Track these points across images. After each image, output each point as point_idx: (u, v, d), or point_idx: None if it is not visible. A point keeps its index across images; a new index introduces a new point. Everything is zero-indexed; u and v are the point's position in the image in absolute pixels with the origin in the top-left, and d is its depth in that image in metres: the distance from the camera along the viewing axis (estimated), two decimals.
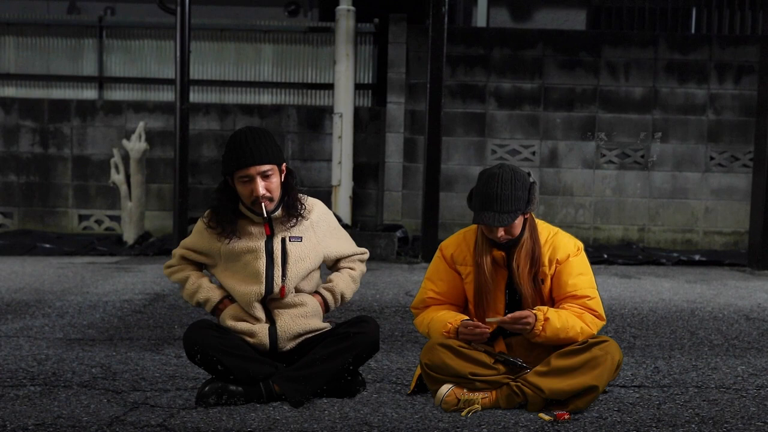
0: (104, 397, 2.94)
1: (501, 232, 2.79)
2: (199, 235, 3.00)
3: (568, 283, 2.87)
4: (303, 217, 2.96)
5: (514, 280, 2.88)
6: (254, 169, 2.82)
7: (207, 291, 2.99)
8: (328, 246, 3.05)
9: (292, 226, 2.94)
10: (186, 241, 3.07)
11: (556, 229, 2.98)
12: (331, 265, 3.15)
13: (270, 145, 2.86)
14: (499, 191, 2.73)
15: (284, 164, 2.94)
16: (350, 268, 3.14)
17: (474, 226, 2.99)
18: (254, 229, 2.93)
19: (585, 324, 2.83)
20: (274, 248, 2.91)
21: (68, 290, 5.63)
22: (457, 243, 3.01)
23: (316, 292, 3.06)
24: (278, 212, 2.93)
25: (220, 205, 2.94)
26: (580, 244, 2.98)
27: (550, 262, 2.89)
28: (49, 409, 2.77)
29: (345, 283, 3.09)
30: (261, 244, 2.91)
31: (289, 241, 2.93)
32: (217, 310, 2.99)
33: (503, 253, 2.89)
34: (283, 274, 2.91)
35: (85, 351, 3.71)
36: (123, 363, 3.48)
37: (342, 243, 3.12)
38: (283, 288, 2.91)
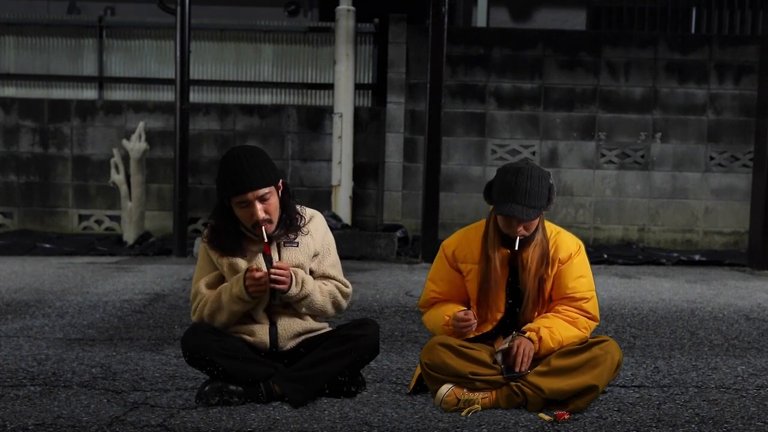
0: (104, 397, 2.94)
1: (521, 228, 2.78)
2: (204, 256, 2.96)
3: (568, 285, 2.88)
4: (301, 231, 2.93)
5: (520, 278, 2.88)
6: (252, 194, 2.77)
7: (228, 284, 2.86)
8: (318, 263, 2.98)
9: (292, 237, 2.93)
10: (198, 272, 2.98)
11: (558, 227, 2.98)
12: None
13: (265, 166, 2.81)
14: (527, 186, 2.72)
15: (281, 180, 2.90)
16: (330, 283, 2.99)
17: (477, 225, 2.99)
18: (254, 248, 2.90)
19: (579, 330, 2.86)
20: (272, 255, 2.90)
21: (68, 290, 5.63)
22: (458, 241, 3.01)
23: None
24: (277, 232, 2.90)
25: (218, 226, 2.89)
26: (581, 243, 2.98)
27: (552, 261, 2.89)
28: (49, 409, 2.77)
29: (320, 288, 2.93)
30: (260, 254, 2.90)
31: (284, 245, 2.92)
32: (248, 287, 2.77)
33: (509, 252, 2.88)
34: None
35: (85, 351, 3.71)
36: (123, 363, 3.48)
37: (331, 264, 3.01)
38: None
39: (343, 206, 9.17)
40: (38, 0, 10.86)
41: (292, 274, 2.83)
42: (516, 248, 2.80)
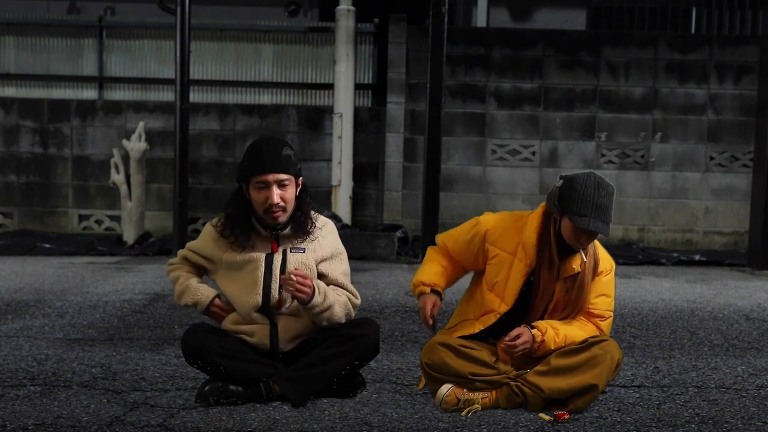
0: (104, 397, 2.94)
1: (587, 241, 2.77)
2: (205, 240, 2.97)
3: (590, 300, 2.89)
4: (312, 236, 2.93)
5: (565, 285, 2.86)
6: (272, 177, 2.80)
7: (194, 293, 2.96)
8: (328, 267, 2.97)
9: (297, 242, 2.92)
10: (192, 243, 3.06)
11: (597, 242, 2.94)
12: None
13: (291, 156, 2.86)
14: (606, 202, 2.71)
15: (301, 179, 2.92)
16: (343, 294, 2.97)
17: (517, 216, 2.94)
18: (261, 245, 2.91)
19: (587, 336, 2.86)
20: (274, 259, 2.89)
21: (68, 290, 5.63)
22: (496, 223, 2.94)
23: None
24: (287, 230, 2.91)
25: (234, 214, 2.90)
26: (614, 264, 2.98)
27: None
28: (49, 409, 2.77)
29: (338, 300, 2.91)
30: (262, 255, 2.89)
31: (290, 251, 2.91)
32: (210, 311, 2.97)
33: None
34: (281, 286, 2.88)
35: (85, 351, 3.71)
36: (123, 363, 3.48)
37: (344, 273, 3.01)
38: (280, 299, 2.90)
39: (343, 206, 9.17)
40: (38, 0, 10.86)
41: (315, 285, 2.81)
42: (584, 259, 2.81)
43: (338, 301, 2.90)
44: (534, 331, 2.78)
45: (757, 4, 9.99)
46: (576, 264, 2.82)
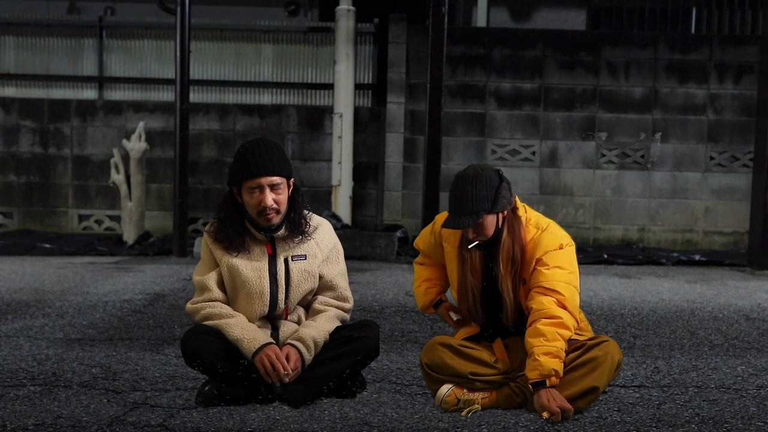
0: (104, 397, 2.94)
1: (470, 233, 2.77)
2: (206, 247, 2.95)
3: (542, 271, 2.75)
4: (307, 236, 2.93)
5: (496, 281, 2.83)
6: (265, 180, 2.79)
7: (254, 331, 2.81)
8: (324, 267, 2.98)
9: (295, 246, 2.92)
10: (201, 267, 2.95)
11: (547, 223, 2.85)
12: (317, 288, 3.01)
13: (281, 158, 2.85)
14: (459, 194, 2.71)
15: (292, 179, 2.92)
16: (331, 308, 2.97)
17: None
18: (257, 248, 2.90)
19: (568, 329, 2.70)
20: (278, 269, 2.89)
21: (68, 290, 5.63)
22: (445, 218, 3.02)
23: (294, 347, 2.81)
24: (282, 231, 2.90)
25: (226, 217, 2.89)
26: (567, 240, 2.82)
27: (531, 260, 2.78)
28: (49, 409, 2.77)
29: (329, 323, 2.91)
30: (264, 264, 2.88)
31: (292, 260, 2.91)
32: (259, 353, 2.75)
33: (482, 253, 2.87)
34: (287, 297, 2.90)
35: (85, 351, 3.71)
36: (123, 363, 3.48)
37: (340, 273, 3.02)
38: (287, 309, 2.92)
39: (343, 206, 9.18)
40: (38, 0, 10.86)
41: (302, 350, 2.78)
42: (467, 249, 2.83)
43: (330, 323, 2.91)
44: (550, 380, 2.64)
45: (757, 4, 9.99)
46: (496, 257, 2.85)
